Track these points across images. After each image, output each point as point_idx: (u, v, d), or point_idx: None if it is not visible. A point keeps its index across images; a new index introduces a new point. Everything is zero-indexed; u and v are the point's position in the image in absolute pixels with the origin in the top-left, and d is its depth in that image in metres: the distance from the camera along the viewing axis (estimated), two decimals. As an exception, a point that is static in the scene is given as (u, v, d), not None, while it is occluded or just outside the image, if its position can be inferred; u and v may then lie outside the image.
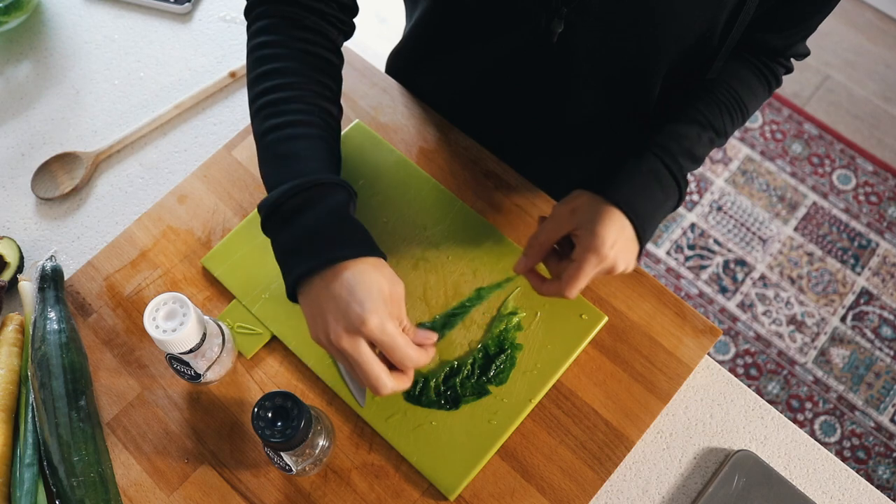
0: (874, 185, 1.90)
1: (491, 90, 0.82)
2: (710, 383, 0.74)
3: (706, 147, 0.72)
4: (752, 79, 0.75)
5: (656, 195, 0.67)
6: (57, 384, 0.67)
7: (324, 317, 0.58)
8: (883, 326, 1.74)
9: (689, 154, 0.70)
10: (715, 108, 0.72)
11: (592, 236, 0.62)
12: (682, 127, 0.70)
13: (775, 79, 0.77)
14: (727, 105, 0.73)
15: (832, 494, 0.69)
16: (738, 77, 0.74)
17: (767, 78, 0.76)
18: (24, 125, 0.87)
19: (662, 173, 0.67)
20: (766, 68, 0.75)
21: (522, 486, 0.68)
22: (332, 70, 0.69)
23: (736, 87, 0.73)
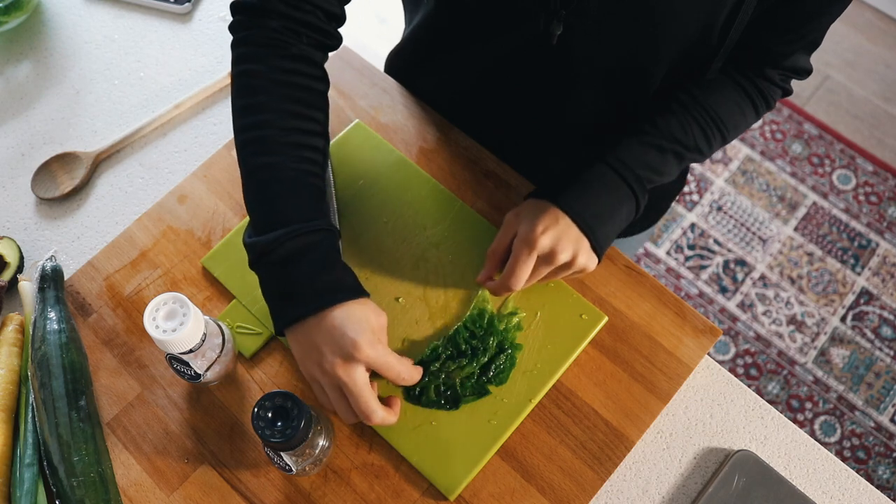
0: (874, 185, 1.90)
1: (491, 91, 0.82)
2: (710, 383, 0.74)
3: (670, 162, 0.72)
4: (736, 96, 0.74)
5: (603, 198, 0.69)
6: (57, 384, 0.67)
7: (318, 349, 0.62)
8: (883, 326, 1.74)
9: (645, 164, 0.71)
10: (682, 123, 0.72)
11: (524, 227, 0.68)
12: (644, 141, 0.71)
13: (764, 100, 0.75)
14: (699, 120, 0.72)
15: (832, 494, 0.69)
16: (720, 93, 0.73)
17: (753, 98, 0.74)
18: (24, 125, 0.87)
19: (609, 177, 0.69)
20: (750, 85, 0.74)
21: (522, 486, 0.68)
22: (317, 101, 0.69)
23: (713, 104, 0.73)
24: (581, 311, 0.74)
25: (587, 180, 0.69)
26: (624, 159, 0.70)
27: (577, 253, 0.68)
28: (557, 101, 0.78)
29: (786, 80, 0.75)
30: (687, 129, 0.72)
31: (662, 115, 0.73)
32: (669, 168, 0.72)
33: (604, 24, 0.67)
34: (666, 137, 0.71)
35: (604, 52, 0.70)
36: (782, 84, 0.75)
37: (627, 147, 0.71)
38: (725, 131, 0.74)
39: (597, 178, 0.69)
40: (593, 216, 0.68)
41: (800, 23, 0.69)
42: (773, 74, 0.74)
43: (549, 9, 0.67)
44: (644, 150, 0.71)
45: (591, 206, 0.68)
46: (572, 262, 0.68)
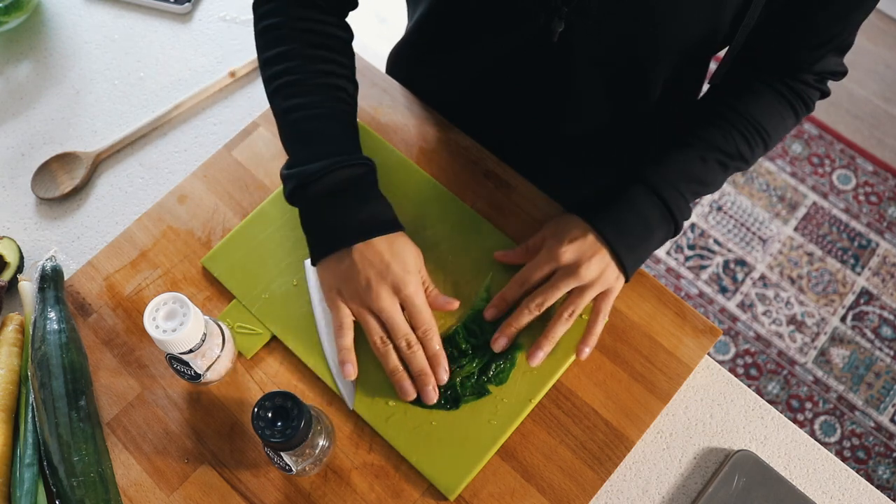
0: (874, 185, 1.90)
1: (491, 89, 0.82)
2: (710, 383, 0.74)
3: (715, 170, 0.71)
4: (773, 101, 0.73)
5: (637, 222, 0.69)
6: (57, 384, 0.67)
7: (363, 278, 0.67)
8: (883, 326, 1.74)
9: (689, 177, 0.70)
10: (723, 131, 0.71)
11: (553, 238, 0.70)
12: (683, 151, 0.71)
13: (803, 102, 0.74)
14: (740, 129, 0.72)
15: (832, 494, 0.69)
16: (758, 101, 0.72)
17: (790, 100, 0.73)
18: (24, 125, 0.87)
19: (649, 200, 0.69)
20: (788, 90, 0.73)
21: (522, 486, 0.68)
22: (340, 47, 0.74)
23: (752, 110, 0.72)
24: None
25: (625, 201, 0.69)
26: (666, 176, 0.70)
27: (602, 272, 0.68)
28: (558, 101, 0.78)
29: (821, 81, 0.74)
30: (728, 137, 0.71)
31: (703, 125, 0.72)
32: (715, 178, 0.72)
33: (604, 23, 0.67)
34: (709, 147, 0.71)
35: (604, 50, 0.70)
36: (818, 86, 0.74)
37: (670, 162, 0.70)
38: (767, 138, 0.73)
39: (635, 199, 0.69)
40: (624, 238, 0.68)
41: (826, 27, 0.67)
42: (807, 78, 0.73)
43: (551, 6, 0.67)
44: (687, 163, 0.70)
45: (624, 228, 0.69)
46: (597, 281, 0.68)
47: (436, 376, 0.69)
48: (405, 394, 0.68)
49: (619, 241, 0.68)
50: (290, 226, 0.78)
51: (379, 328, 0.69)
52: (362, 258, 0.67)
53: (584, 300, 0.69)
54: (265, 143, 0.83)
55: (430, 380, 0.68)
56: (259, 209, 0.79)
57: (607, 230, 0.68)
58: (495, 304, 0.72)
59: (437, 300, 0.72)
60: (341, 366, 0.69)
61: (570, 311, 0.69)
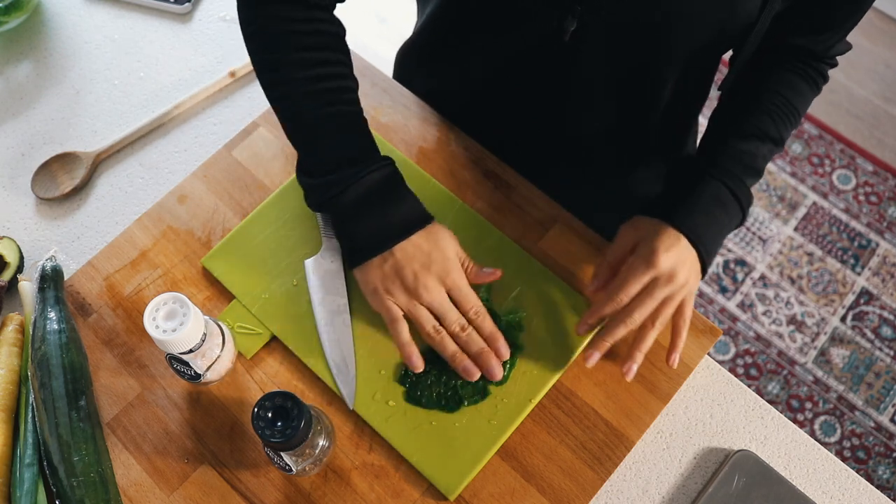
0: (874, 185, 1.90)
1: (501, 88, 0.81)
2: (710, 383, 0.74)
3: (766, 158, 0.73)
4: (800, 82, 0.74)
5: (720, 219, 0.69)
6: (57, 384, 0.67)
7: (409, 273, 0.68)
8: (883, 326, 1.74)
9: (751, 170, 0.71)
10: (768, 117, 0.72)
11: (645, 246, 0.67)
12: (742, 143, 0.71)
13: (821, 76, 0.76)
14: (780, 112, 0.73)
15: (832, 494, 0.69)
16: (786, 82, 0.74)
17: (813, 77, 0.75)
18: (24, 125, 0.87)
19: (726, 197, 0.69)
20: (810, 68, 0.75)
21: (522, 486, 0.68)
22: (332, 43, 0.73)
23: (785, 93, 0.73)
24: (582, 311, 0.74)
25: (703, 199, 0.69)
26: (733, 170, 0.70)
27: (692, 276, 0.67)
28: (565, 101, 0.78)
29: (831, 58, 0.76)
30: (775, 122, 0.72)
31: (752, 111, 0.73)
32: (764, 167, 0.73)
33: (617, 21, 0.66)
34: (762, 137, 0.72)
35: (615, 50, 0.70)
36: (829, 62, 0.76)
37: (733, 155, 0.71)
38: (798, 116, 0.75)
39: (711, 196, 0.69)
40: (711, 238, 0.68)
41: (838, 23, 0.70)
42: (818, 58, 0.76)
43: (564, 4, 0.66)
44: (747, 155, 0.71)
45: (710, 228, 0.69)
46: (686, 285, 0.67)
47: (496, 353, 0.69)
48: (470, 374, 0.69)
49: (706, 243, 0.68)
50: (290, 226, 0.78)
51: (431, 318, 0.69)
52: (404, 255, 0.68)
53: (675, 304, 0.67)
54: (265, 143, 0.83)
55: (492, 357, 0.69)
56: (259, 209, 0.79)
57: (696, 234, 0.67)
58: (589, 320, 0.69)
59: (480, 274, 0.72)
60: (407, 360, 0.69)
61: (664, 318, 0.67)
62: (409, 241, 0.69)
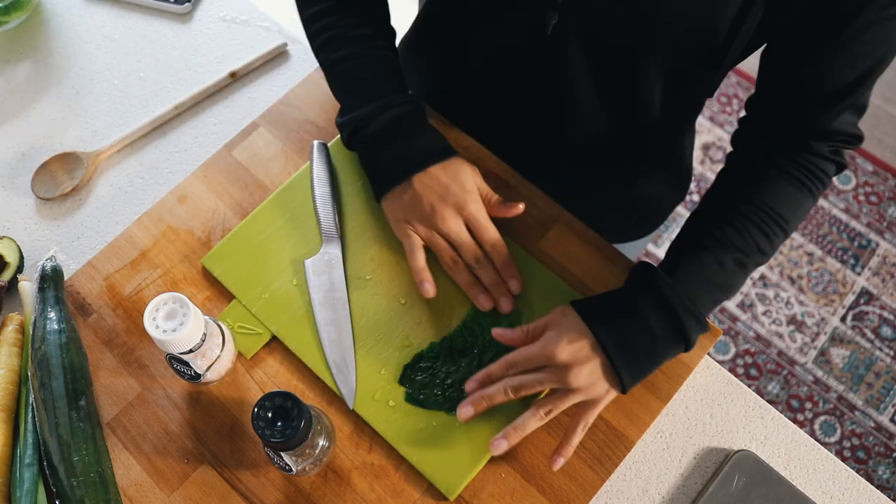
0: (874, 185, 1.90)
1: (491, 83, 0.81)
2: (710, 383, 0.74)
3: (734, 272, 0.67)
4: (788, 185, 0.68)
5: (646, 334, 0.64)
6: (57, 384, 0.67)
7: (427, 204, 0.70)
8: (883, 326, 1.74)
9: (707, 284, 0.66)
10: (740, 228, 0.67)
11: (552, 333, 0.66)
12: (698, 256, 0.67)
13: (818, 180, 0.69)
14: (756, 220, 0.67)
15: (832, 494, 0.69)
16: (772, 186, 0.68)
17: (807, 182, 0.68)
18: (24, 125, 0.87)
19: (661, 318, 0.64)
20: (804, 171, 0.68)
21: (522, 486, 0.68)
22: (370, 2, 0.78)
23: (767, 199, 0.68)
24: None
25: (632, 312, 0.65)
26: (680, 289, 0.65)
27: (593, 383, 0.64)
28: (556, 98, 0.77)
29: (836, 153, 0.69)
30: (745, 233, 0.67)
31: (716, 223, 0.68)
32: (735, 280, 0.68)
33: (600, 13, 0.65)
34: (725, 248, 0.67)
35: (597, 44, 0.69)
36: (833, 157, 0.69)
37: (683, 271, 0.66)
38: (786, 225, 0.68)
39: (643, 312, 0.65)
40: (626, 353, 0.64)
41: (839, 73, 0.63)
42: (819, 147, 0.68)
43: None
44: (703, 270, 0.66)
45: (628, 342, 0.64)
46: (583, 390, 0.64)
47: (509, 285, 0.72)
48: (482, 305, 0.71)
49: (619, 355, 0.64)
50: (290, 226, 0.78)
51: (449, 248, 0.71)
52: (423, 186, 0.71)
53: (564, 404, 0.65)
54: (265, 143, 0.83)
55: (505, 289, 0.71)
56: (259, 209, 0.79)
57: (608, 342, 0.64)
58: (479, 378, 0.68)
59: (501, 207, 0.73)
60: (420, 285, 0.71)
61: (548, 410, 0.65)
62: (427, 172, 0.71)
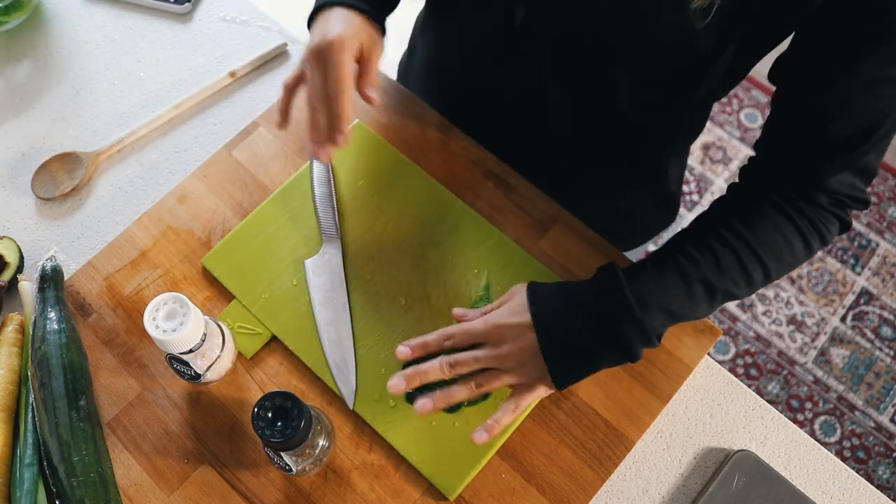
0: (874, 185, 1.90)
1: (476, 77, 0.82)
2: (710, 383, 0.74)
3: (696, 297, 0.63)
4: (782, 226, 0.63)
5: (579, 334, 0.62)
6: (57, 384, 0.67)
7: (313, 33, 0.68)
8: (883, 326, 1.74)
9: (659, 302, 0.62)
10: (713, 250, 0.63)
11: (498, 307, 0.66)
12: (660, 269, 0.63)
13: (816, 231, 0.64)
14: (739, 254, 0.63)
15: (832, 494, 0.69)
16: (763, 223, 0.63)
17: (800, 227, 0.63)
18: (24, 125, 0.87)
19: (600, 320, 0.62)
20: (801, 216, 0.63)
21: (522, 486, 0.68)
22: None
23: (754, 231, 0.63)
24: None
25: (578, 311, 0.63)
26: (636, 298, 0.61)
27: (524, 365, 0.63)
28: (537, 94, 0.77)
29: (838, 206, 0.64)
30: (721, 259, 0.63)
31: (693, 242, 0.64)
32: (696, 305, 0.63)
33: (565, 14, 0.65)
34: (693, 267, 0.63)
35: (566, 44, 0.68)
36: (835, 210, 0.64)
37: (642, 280, 0.62)
38: (768, 263, 0.64)
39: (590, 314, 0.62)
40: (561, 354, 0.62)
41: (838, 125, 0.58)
42: (820, 199, 0.63)
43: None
44: (665, 282, 0.63)
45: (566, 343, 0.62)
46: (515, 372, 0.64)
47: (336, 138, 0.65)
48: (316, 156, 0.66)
49: (550, 346, 0.62)
50: (290, 226, 0.78)
51: None
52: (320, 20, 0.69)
53: (494, 382, 0.64)
54: (265, 143, 0.83)
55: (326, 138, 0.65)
56: (259, 209, 0.79)
57: (542, 331, 0.62)
58: (413, 347, 0.66)
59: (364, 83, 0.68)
60: None
61: (478, 384, 0.64)
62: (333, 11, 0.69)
